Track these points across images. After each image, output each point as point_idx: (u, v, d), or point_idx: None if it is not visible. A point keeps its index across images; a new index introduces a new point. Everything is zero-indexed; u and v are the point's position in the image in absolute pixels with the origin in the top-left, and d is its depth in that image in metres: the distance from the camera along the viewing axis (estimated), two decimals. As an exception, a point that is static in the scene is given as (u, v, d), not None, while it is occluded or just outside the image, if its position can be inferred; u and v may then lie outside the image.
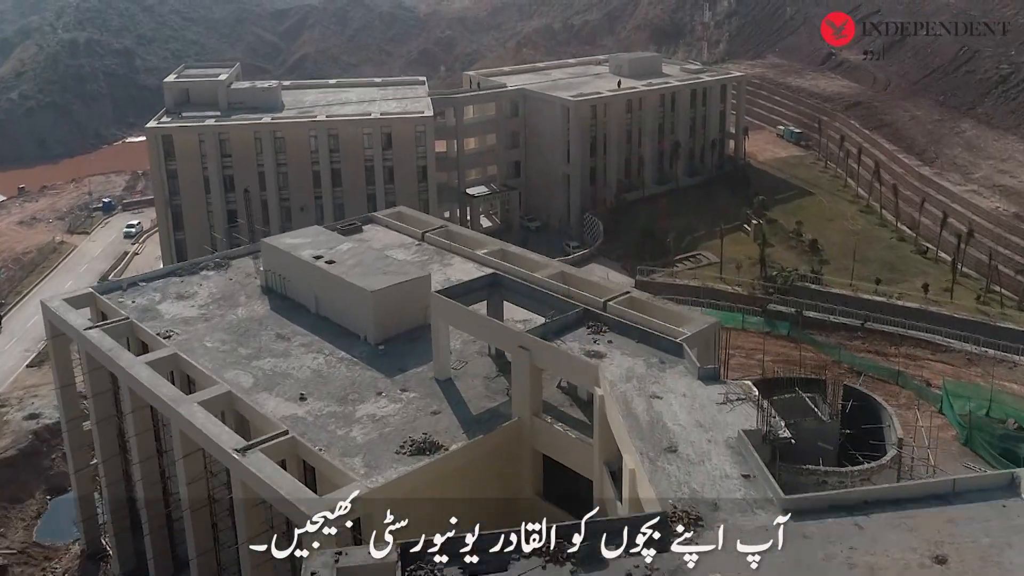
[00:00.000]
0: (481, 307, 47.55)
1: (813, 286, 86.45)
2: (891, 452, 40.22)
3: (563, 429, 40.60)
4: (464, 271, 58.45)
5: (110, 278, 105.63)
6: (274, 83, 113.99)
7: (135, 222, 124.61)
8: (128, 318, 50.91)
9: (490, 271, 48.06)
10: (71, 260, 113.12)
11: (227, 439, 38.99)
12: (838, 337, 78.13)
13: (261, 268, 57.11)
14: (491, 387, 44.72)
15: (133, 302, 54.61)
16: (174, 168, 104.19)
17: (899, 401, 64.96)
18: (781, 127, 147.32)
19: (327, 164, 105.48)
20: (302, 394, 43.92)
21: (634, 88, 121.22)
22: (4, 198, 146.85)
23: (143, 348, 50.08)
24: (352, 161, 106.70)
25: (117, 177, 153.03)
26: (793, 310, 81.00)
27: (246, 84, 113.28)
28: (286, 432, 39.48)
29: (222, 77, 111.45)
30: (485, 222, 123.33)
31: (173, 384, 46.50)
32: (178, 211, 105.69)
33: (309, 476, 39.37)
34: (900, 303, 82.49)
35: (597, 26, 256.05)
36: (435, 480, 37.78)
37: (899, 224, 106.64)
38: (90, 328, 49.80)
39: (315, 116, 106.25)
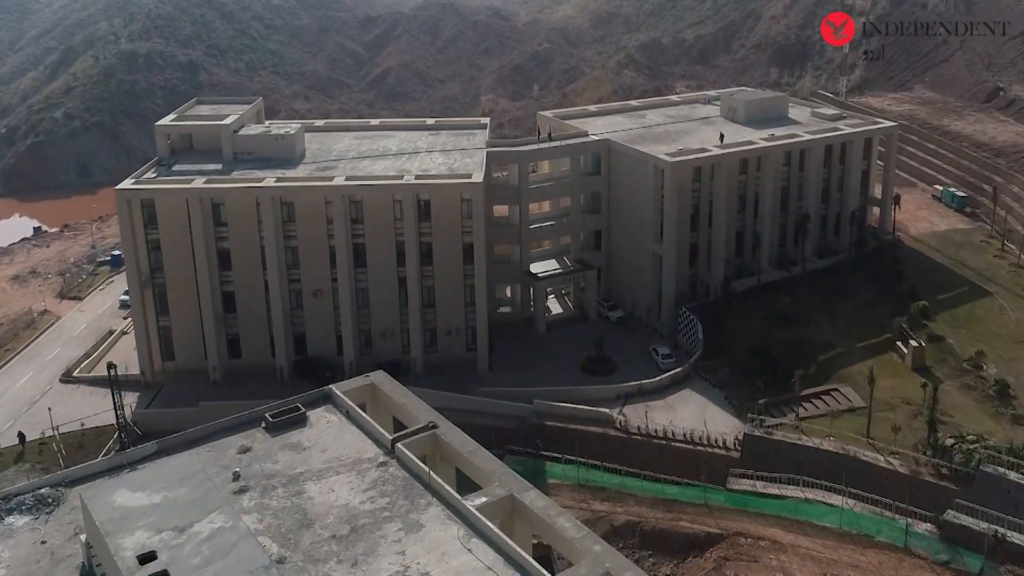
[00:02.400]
0: None
1: (1011, 476, 57.86)
2: None
3: None
4: (438, 546, 33.60)
5: (76, 373, 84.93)
6: (293, 127, 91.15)
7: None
8: None
9: None
10: (43, 340, 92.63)
11: None
12: (1065, 591, 49.73)
13: (83, 538, 33.25)
14: None
15: None
16: (157, 237, 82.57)
17: None
18: (939, 187, 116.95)
19: (346, 238, 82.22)
20: None
21: (751, 144, 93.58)
22: (14, 241, 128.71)
23: None
24: (379, 235, 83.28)
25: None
26: (988, 530, 52.77)
27: (258, 129, 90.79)
28: None
29: (229, 120, 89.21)
30: (554, 305, 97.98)
31: None
32: (162, 291, 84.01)
33: None
34: None
35: (711, 42, 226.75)
36: None
37: (1124, 355, 76.67)
38: None
39: (332, 177, 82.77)
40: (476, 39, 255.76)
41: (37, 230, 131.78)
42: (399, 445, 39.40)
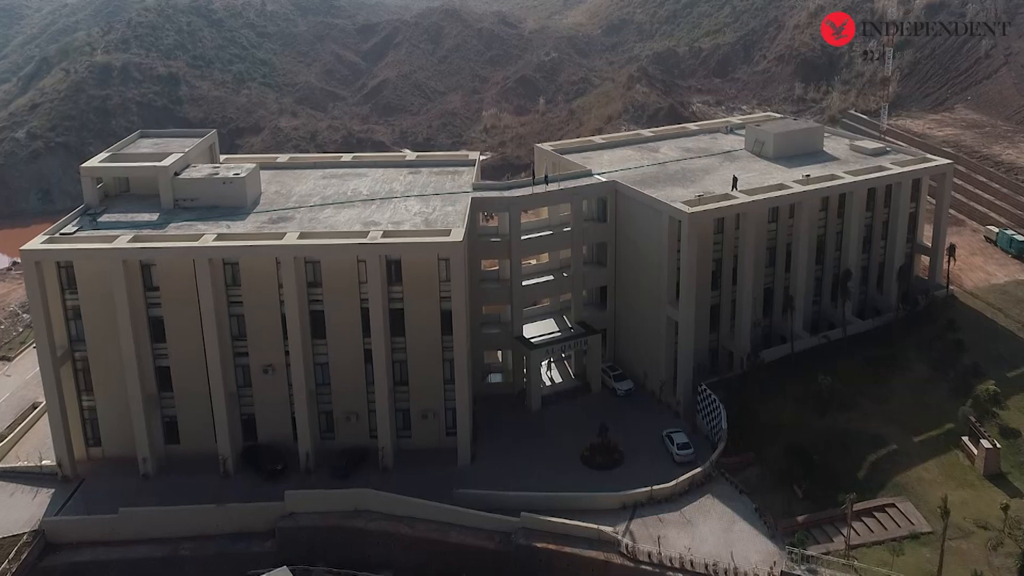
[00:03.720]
0: None
1: None
2: None
3: None
4: None
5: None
6: (245, 169, 77.46)
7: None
8: None
9: None
10: (-44, 414, 79.71)
11: None
12: None
13: None
14: None
15: None
16: (77, 304, 69.40)
17: None
18: (992, 228, 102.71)
19: (299, 305, 68.79)
20: None
21: (784, 189, 79.57)
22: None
23: None
24: (341, 301, 70.11)
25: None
26: None
27: (204, 171, 77.21)
28: None
29: (168, 161, 75.87)
30: (554, 374, 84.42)
31: None
32: (85, 365, 70.85)
33: None
34: None
35: (730, 53, 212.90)
36: None
37: None
38: None
39: (284, 233, 69.23)
40: (480, 48, 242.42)
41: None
42: None
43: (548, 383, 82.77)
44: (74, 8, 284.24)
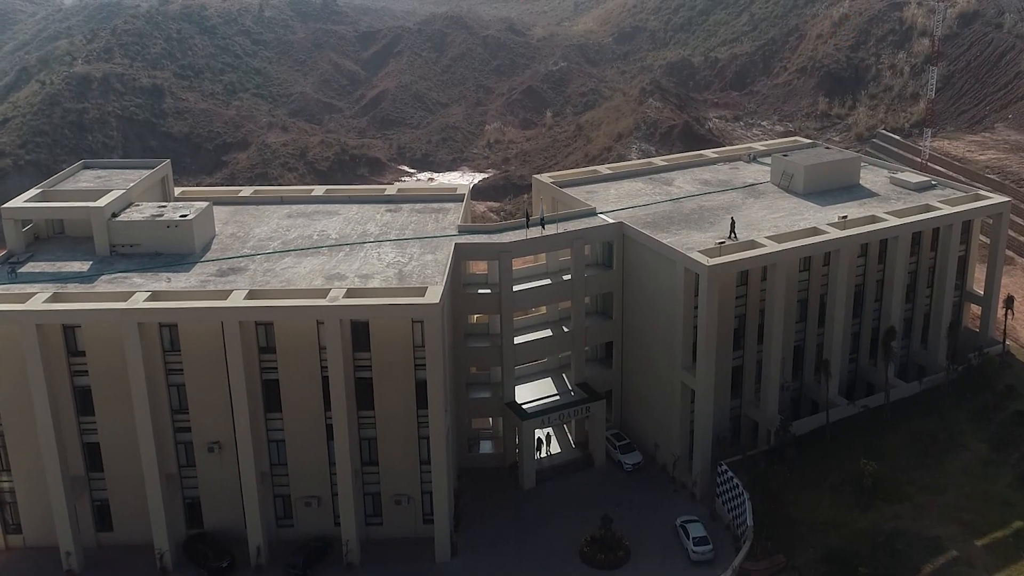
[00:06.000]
0: None
1: None
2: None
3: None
4: None
5: None
6: (194, 209, 67.04)
7: None
8: None
9: None
10: None
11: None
12: None
13: None
14: None
15: None
16: (-12, 371, 59.21)
17: None
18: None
19: (249, 374, 58.29)
20: None
21: (820, 236, 68.52)
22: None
23: None
24: (298, 369, 59.65)
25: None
26: None
27: (145, 213, 66.72)
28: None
29: (104, 200, 65.49)
30: (552, 442, 73.60)
31: None
32: (1, 441, 60.65)
33: None
34: None
35: (747, 63, 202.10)
36: None
37: None
38: None
39: (229, 292, 58.64)
40: (485, 56, 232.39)
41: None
42: None
43: (545, 454, 72.08)
44: (68, 13, 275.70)
